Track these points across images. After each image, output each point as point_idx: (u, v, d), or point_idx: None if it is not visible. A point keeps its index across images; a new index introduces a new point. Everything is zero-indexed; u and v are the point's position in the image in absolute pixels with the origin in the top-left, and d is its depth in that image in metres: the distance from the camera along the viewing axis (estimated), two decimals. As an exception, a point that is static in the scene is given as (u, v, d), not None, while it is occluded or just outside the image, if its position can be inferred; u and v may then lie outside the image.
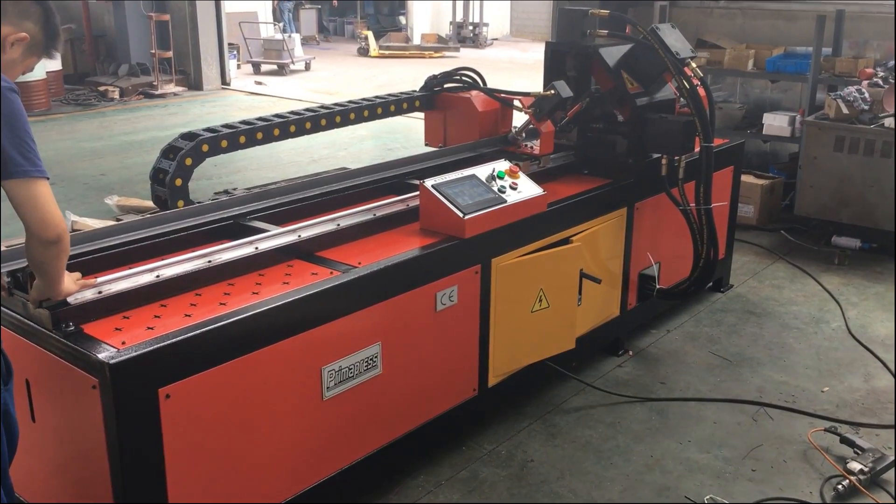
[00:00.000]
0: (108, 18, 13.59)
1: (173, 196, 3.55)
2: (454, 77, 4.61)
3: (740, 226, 5.78)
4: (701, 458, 3.53)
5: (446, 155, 4.20)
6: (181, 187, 3.59)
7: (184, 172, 3.61)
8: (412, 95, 4.58)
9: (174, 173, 3.58)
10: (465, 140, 4.38)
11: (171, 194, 3.55)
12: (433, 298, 3.20)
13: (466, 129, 4.46)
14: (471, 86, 4.56)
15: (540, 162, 4.12)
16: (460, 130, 4.50)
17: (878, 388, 4.11)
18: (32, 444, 2.68)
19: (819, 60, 6.32)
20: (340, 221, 3.31)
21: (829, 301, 5.11)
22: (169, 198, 3.55)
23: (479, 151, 4.23)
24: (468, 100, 4.47)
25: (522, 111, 4.15)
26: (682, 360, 4.38)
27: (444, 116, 4.60)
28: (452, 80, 4.62)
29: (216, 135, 3.76)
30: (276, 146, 4.32)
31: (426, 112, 4.67)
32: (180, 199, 3.56)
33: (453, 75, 4.62)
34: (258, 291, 2.82)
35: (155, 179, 3.64)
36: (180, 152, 3.61)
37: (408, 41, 20.72)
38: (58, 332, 2.45)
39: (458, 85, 4.61)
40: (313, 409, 2.87)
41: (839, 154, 5.80)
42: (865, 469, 3.30)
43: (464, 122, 4.48)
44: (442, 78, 4.62)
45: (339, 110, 4.25)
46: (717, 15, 7.42)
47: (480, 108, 4.43)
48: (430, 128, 4.68)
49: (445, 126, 4.59)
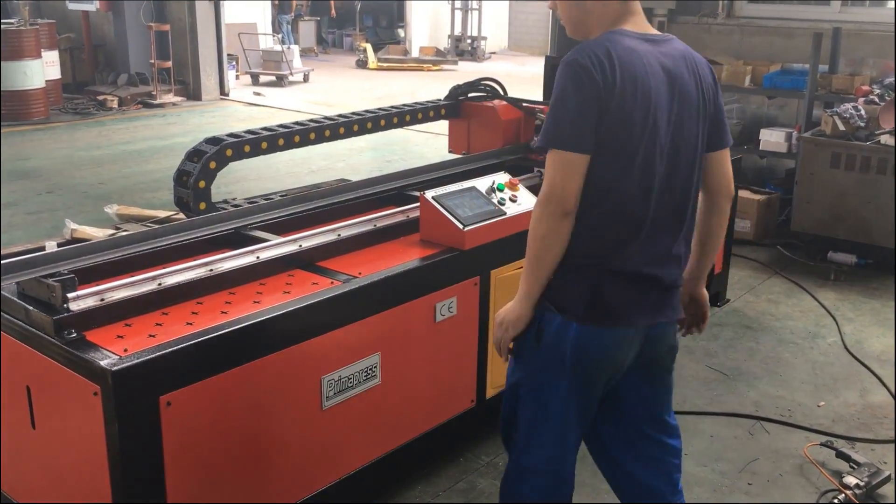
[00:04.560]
0: (108, 28, 13.62)
1: (196, 198, 3.59)
2: (478, 87, 4.68)
3: (737, 241, 5.81)
4: (698, 471, 3.54)
5: (447, 167, 4.23)
6: (204, 189, 3.62)
7: (208, 175, 3.64)
8: (438, 104, 4.66)
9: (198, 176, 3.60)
10: (489, 148, 4.45)
11: (194, 196, 3.59)
12: (433, 309, 3.22)
13: (490, 137, 4.55)
14: (494, 95, 4.63)
15: None
16: (484, 138, 4.58)
17: (874, 403, 4.13)
18: (32, 451, 2.68)
19: (816, 77, 6.36)
20: (341, 232, 3.33)
21: (825, 316, 5.13)
22: (192, 200, 3.59)
23: (502, 158, 4.30)
24: (492, 108, 4.55)
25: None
26: (679, 373, 4.38)
27: (467, 125, 4.68)
28: (476, 89, 4.69)
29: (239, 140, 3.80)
30: (274, 157, 4.35)
31: (451, 120, 4.74)
32: (202, 202, 3.61)
33: (477, 85, 4.69)
34: (259, 300, 2.84)
35: (178, 181, 3.67)
36: (205, 155, 3.64)
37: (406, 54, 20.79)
38: (59, 338, 2.45)
39: (482, 94, 4.68)
40: (312, 419, 2.87)
41: (835, 170, 5.84)
42: (861, 484, 3.31)
43: (487, 131, 4.56)
44: (465, 87, 4.70)
45: (370, 117, 4.32)
46: (714, 31, 7.48)
47: (504, 117, 4.50)
48: (454, 136, 4.77)
49: (469, 134, 4.68)
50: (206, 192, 3.63)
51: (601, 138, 2.13)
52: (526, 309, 2.26)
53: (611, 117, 2.12)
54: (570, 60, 2.14)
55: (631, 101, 2.14)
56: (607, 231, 2.22)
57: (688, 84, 2.26)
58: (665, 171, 2.23)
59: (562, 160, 2.12)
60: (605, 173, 2.16)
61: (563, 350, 2.26)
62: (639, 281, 2.26)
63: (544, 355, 2.29)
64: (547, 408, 2.34)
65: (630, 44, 2.19)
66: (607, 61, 2.12)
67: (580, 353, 2.26)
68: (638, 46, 2.20)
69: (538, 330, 2.28)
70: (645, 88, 2.15)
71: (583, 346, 2.25)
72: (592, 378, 2.32)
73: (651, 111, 2.17)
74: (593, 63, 2.11)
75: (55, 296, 2.51)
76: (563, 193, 2.12)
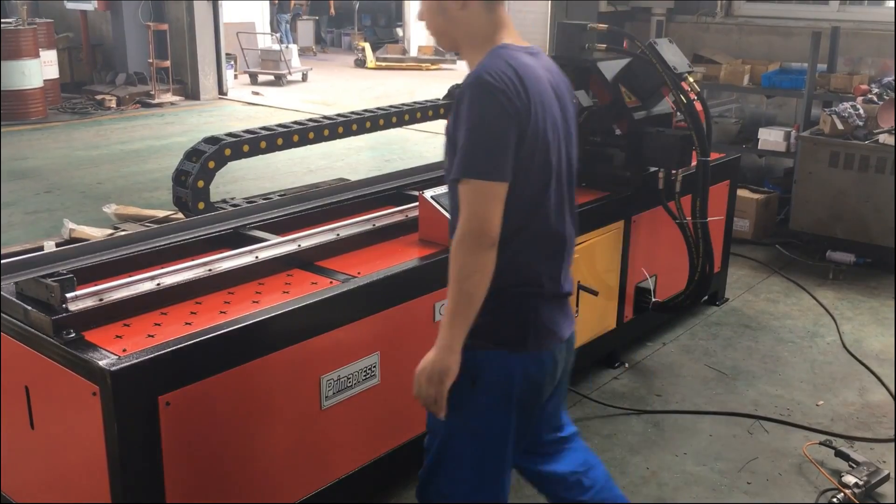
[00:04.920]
0: (106, 27, 13.61)
1: (194, 198, 3.59)
2: None
3: (735, 240, 5.81)
4: (697, 470, 3.55)
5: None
6: (203, 189, 3.62)
7: (206, 175, 3.64)
8: (436, 103, 4.65)
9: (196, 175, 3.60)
10: None
11: (192, 196, 3.59)
12: (432, 309, 3.21)
13: None
14: None
15: None
16: None
17: (873, 402, 4.13)
18: (31, 451, 2.68)
19: (814, 76, 6.36)
20: (340, 231, 3.33)
21: (823, 315, 5.13)
22: (190, 199, 3.59)
23: None
24: None
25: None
26: (678, 372, 4.40)
27: None
28: None
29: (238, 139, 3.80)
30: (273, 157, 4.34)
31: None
32: (201, 202, 3.61)
33: None
34: (258, 300, 2.84)
35: (177, 181, 3.67)
36: (204, 155, 3.64)
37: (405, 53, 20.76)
38: (58, 339, 2.45)
39: None
40: (312, 418, 2.87)
41: (834, 169, 5.84)
42: (860, 483, 3.32)
43: None
44: None
45: (369, 116, 4.32)
46: (713, 30, 7.48)
47: None
48: None
49: None
50: (204, 192, 3.64)
51: (521, 160, 2.08)
52: (456, 354, 2.11)
53: (529, 139, 2.08)
54: (482, 83, 2.04)
55: (542, 120, 2.11)
56: (535, 255, 2.20)
57: (566, 99, 2.27)
58: (567, 187, 2.25)
59: (482, 191, 2.03)
60: (526, 195, 2.13)
61: (510, 384, 2.21)
62: (560, 298, 2.31)
63: (484, 397, 2.22)
64: (495, 446, 2.28)
65: (524, 59, 2.13)
66: (518, 82, 2.06)
67: (528, 382, 2.23)
68: (529, 62, 2.14)
69: (473, 372, 2.18)
70: (548, 105, 2.14)
71: (530, 375, 2.23)
72: (539, 402, 2.31)
73: (554, 128, 2.16)
74: (507, 85, 2.03)
75: (54, 296, 2.51)
76: (488, 226, 2.04)
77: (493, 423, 2.26)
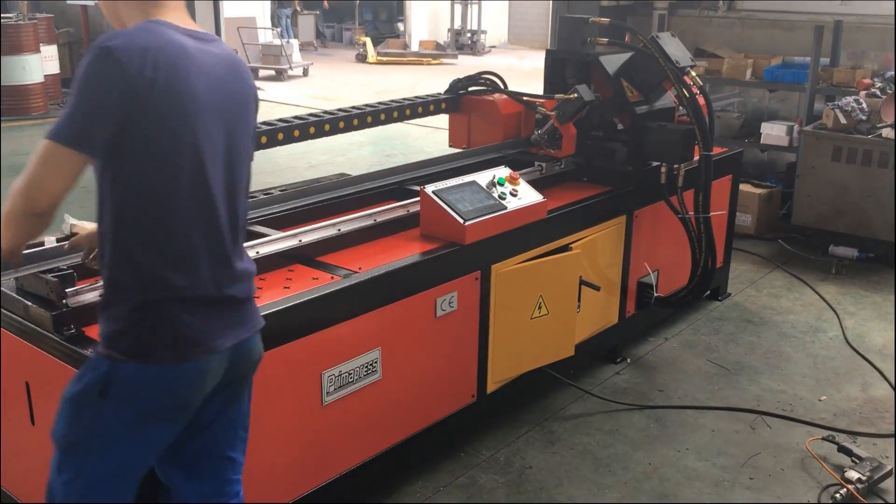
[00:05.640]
0: (107, 22, 13.58)
1: None
2: (478, 80, 4.66)
3: (738, 235, 5.79)
4: (699, 465, 3.54)
5: (447, 162, 4.21)
6: None
7: None
8: (438, 98, 4.63)
9: None
10: (489, 142, 4.42)
11: None
12: (433, 304, 3.21)
13: (490, 131, 4.52)
14: (494, 89, 4.61)
15: (562, 163, 4.19)
16: (484, 132, 4.55)
17: (876, 397, 4.12)
18: (32, 447, 2.67)
19: (817, 70, 6.34)
20: (341, 227, 3.32)
21: (826, 310, 5.12)
22: None
23: (503, 153, 4.27)
24: (492, 102, 4.52)
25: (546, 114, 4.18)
26: (680, 368, 4.39)
27: (468, 119, 4.65)
28: (476, 83, 4.67)
29: None
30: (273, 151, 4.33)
31: (451, 115, 4.71)
32: None
33: (477, 79, 4.66)
34: (259, 296, 2.81)
35: None
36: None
37: (406, 48, 20.75)
38: (58, 334, 2.44)
39: (482, 88, 4.65)
40: (313, 414, 2.87)
41: (836, 164, 5.82)
42: (863, 478, 3.31)
43: (488, 125, 4.53)
44: (465, 81, 4.67)
45: (370, 111, 4.29)
46: (715, 24, 7.45)
47: (504, 111, 4.46)
48: (454, 130, 4.73)
49: (469, 128, 4.65)
50: None
51: (137, 143, 1.91)
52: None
53: (149, 119, 1.89)
54: (103, 47, 1.86)
55: (176, 102, 1.92)
56: (166, 256, 1.99)
57: (239, 89, 2.13)
58: (224, 184, 2.07)
59: (53, 154, 1.88)
60: (147, 185, 1.94)
61: (146, 398, 2.02)
62: (218, 304, 2.09)
63: (116, 410, 2.02)
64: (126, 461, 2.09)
65: (178, 39, 1.97)
66: (148, 56, 1.88)
67: (167, 395, 2.04)
68: (187, 42, 1.99)
69: (104, 384, 2.00)
70: (193, 88, 1.95)
71: (170, 388, 2.03)
72: (181, 417, 2.11)
73: (202, 114, 1.98)
74: (132, 57, 1.86)
75: (54, 291, 2.50)
76: (39, 192, 1.89)
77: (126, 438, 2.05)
